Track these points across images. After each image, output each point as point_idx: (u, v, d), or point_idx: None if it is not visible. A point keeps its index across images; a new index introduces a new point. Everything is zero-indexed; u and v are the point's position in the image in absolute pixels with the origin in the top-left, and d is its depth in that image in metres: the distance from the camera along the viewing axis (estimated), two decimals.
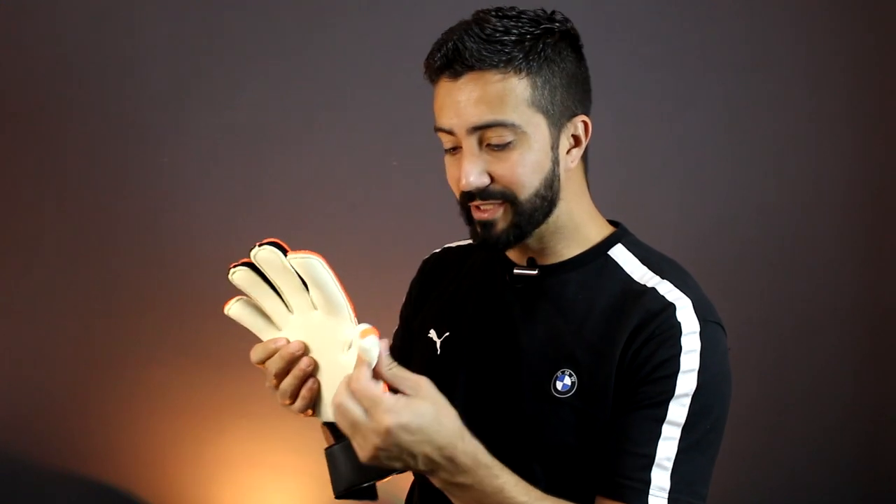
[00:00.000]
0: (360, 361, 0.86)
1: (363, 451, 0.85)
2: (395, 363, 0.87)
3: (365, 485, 0.93)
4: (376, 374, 0.86)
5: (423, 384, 0.87)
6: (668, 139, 2.21)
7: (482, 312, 1.12)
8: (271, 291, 0.95)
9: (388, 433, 0.83)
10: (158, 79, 2.17)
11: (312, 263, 0.90)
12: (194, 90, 2.18)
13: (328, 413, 0.92)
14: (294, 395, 0.94)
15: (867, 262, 2.22)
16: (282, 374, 0.94)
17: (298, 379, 0.93)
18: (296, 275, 0.92)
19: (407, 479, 1.28)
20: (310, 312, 0.93)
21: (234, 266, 0.95)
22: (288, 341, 0.94)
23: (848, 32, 2.19)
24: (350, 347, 0.90)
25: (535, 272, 1.08)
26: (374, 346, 0.86)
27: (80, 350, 2.18)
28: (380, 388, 0.85)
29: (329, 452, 0.95)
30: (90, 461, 2.17)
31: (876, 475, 2.22)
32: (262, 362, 0.95)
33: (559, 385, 1.02)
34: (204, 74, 2.18)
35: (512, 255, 1.13)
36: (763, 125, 2.20)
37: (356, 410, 0.84)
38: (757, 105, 2.20)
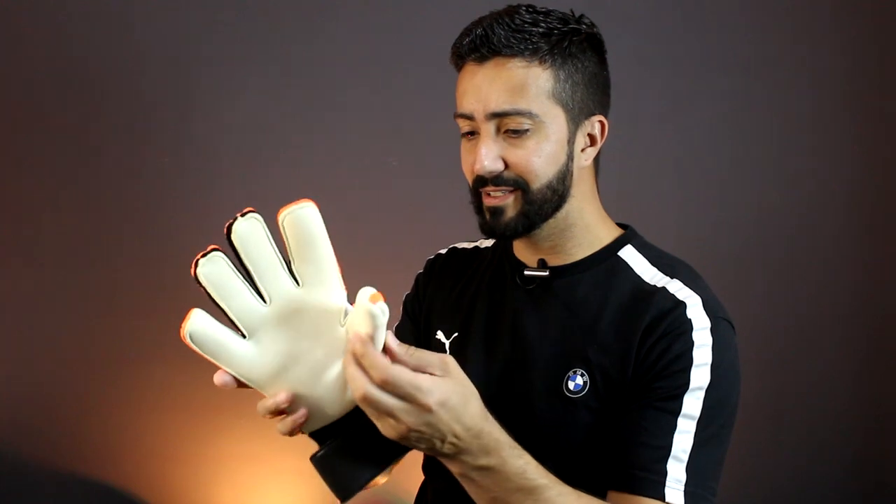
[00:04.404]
0: (363, 341, 0.79)
1: (393, 430, 0.81)
2: (411, 346, 0.83)
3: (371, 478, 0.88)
4: (390, 356, 0.80)
5: (450, 363, 0.83)
6: (668, 139, 2.21)
7: (492, 313, 1.12)
8: (241, 284, 0.83)
9: (429, 412, 0.80)
10: (159, 79, 2.17)
11: (304, 216, 0.81)
12: (195, 90, 2.18)
13: (317, 422, 0.87)
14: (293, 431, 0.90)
15: (867, 261, 2.22)
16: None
17: (294, 424, 0.88)
18: (274, 250, 0.82)
19: (414, 479, 1.28)
20: (290, 294, 0.83)
21: (201, 256, 0.84)
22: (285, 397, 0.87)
23: (848, 32, 2.19)
24: (345, 315, 0.83)
25: (546, 273, 1.09)
26: (386, 311, 0.79)
27: (80, 350, 2.18)
28: (409, 371, 0.80)
29: (322, 458, 0.87)
30: (90, 461, 2.17)
31: (876, 475, 2.22)
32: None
33: (571, 385, 1.03)
34: (205, 75, 2.18)
35: (522, 255, 1.13)
36: (763, 125, 2.20)
37: (390, 401, 0.79)
38: (757, 105, 2.20)
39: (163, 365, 2.16)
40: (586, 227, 1.09)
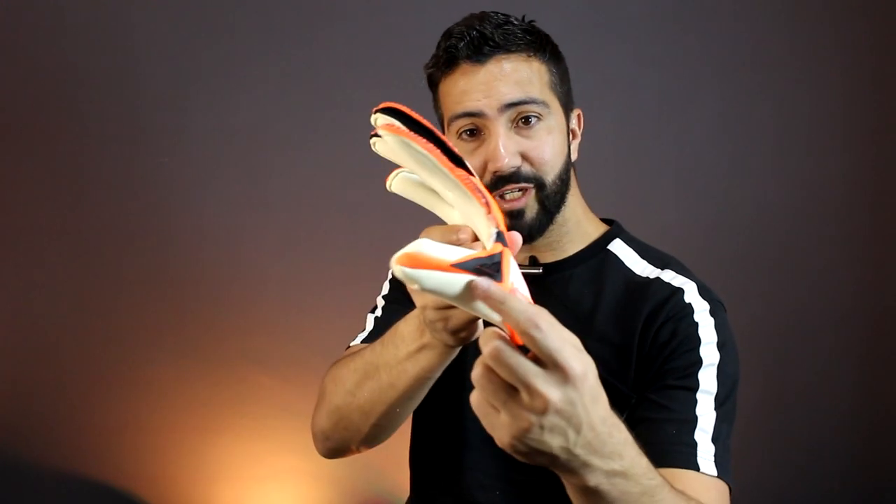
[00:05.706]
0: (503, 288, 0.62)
1: (523, 414, 0.60)
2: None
3: None
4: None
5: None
6: (667, 139, 2.21)
7: None
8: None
9: (570, 382, 0.60)
10: (159, 79, 2.17)
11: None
12: (194, 90, 2.18)
13: None
14: None
15: (867, 261, 2.22)
16: None
17: None
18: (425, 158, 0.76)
19: (403, 486, 1.27)
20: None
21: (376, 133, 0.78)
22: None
23: (848, 32, 2.19)
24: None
25: (539, 270, 1.09)
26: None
27: (81, 350, 2.18)
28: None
29: None
30: (90, 461, 2.17)
31: (876, 475, 2.22)
32: None
33: None
34: (204, 75, 2.18)
35: None
36: (762, 126, 2.20)
37: (527, 364, 0.59)
38: (756, 106, 2.20)
39: (162, 365, 2.16)
40: (578, 223, 1.11)
